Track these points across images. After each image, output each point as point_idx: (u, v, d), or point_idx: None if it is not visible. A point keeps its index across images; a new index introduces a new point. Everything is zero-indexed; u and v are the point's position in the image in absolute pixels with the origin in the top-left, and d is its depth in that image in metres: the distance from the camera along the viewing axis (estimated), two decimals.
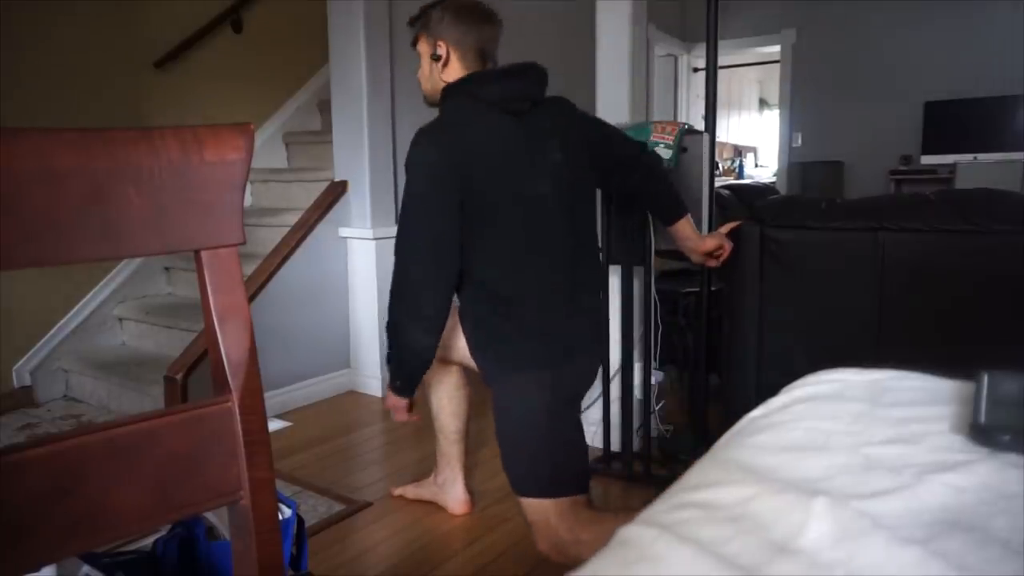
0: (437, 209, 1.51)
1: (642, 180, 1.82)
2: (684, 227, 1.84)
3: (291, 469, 2.36)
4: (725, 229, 1.95)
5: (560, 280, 1.60)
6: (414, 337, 1.56)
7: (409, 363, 1.62)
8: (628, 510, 0.59)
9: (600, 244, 2.01)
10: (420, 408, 1.78)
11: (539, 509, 1.60)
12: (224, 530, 1.01)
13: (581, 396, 1.72)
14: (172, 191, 0.59)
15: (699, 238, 1.86)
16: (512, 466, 1.63)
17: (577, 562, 0.59)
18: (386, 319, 1.61)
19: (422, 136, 1.54)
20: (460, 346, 1.73)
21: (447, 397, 1.97)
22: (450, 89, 1.60)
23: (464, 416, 2.00)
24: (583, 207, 1.69)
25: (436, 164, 1.51)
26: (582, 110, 1.76)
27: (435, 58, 1.62)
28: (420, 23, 1.65)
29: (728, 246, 1.88)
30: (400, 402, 1.69)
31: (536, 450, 1.60)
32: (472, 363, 1.73)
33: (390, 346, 1.62)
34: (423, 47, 1.66)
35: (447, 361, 1.87)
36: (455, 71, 1.62)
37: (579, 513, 1.59)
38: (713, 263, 1.93)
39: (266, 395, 0.66)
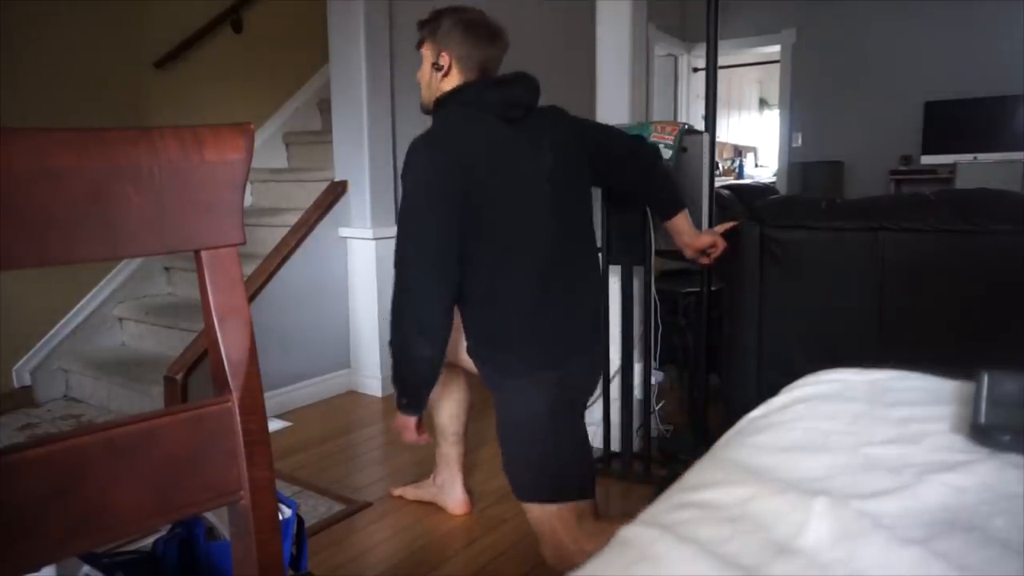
0: (438, 217, 1.50)
1: (642, 176, 1.83)
2: (681, 222, 1.85)
3: (291, 469, 2.36)
4: (721, 229, 1.96)
5: (557, 284, 1.60)
6: (419, 351, 1.54)
7: (415, 379, 1.60)
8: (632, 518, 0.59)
9: (599, 245, 2.01)
10: (429, 427, 1.77)
11: (542, 515, 1.59)
12: (224, 530, 1.01)
13: (583, 401, 1.72)
14: (172, 191, 0.59)
15: (695, 234, 1.87)
16: (514, 471, 1.63)
17: None
18: (389, 337, 1.59)
19: (419, 144, 1.54)
20: (465, 349, 1.73)
21: (447, 399, 1.97)
22: (445, 98, 1.61)
23: (464, 418, 2.00)
24: (577, 210, 1.69)
25: (435, 172, 1.50)
26: (576, 116, 1.77)
27: (436, 68, 1.63)
28: (428, 29, 1.64)
29: (721, 244, 1.89)
30: (409, 421, 1.67)
31: (539, 456, 1.59)
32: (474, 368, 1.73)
33: (395, 363, 1.60)
34: (427, 52, 1.66)
35: (451, 364, 1.88)
36: (453, 82, 1.63)
37: (584, 523, 1.58)
38: (706, 261, 1.94)
39: (266, 395, 0.66)
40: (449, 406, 1.97)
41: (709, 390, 2.36)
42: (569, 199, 1.65)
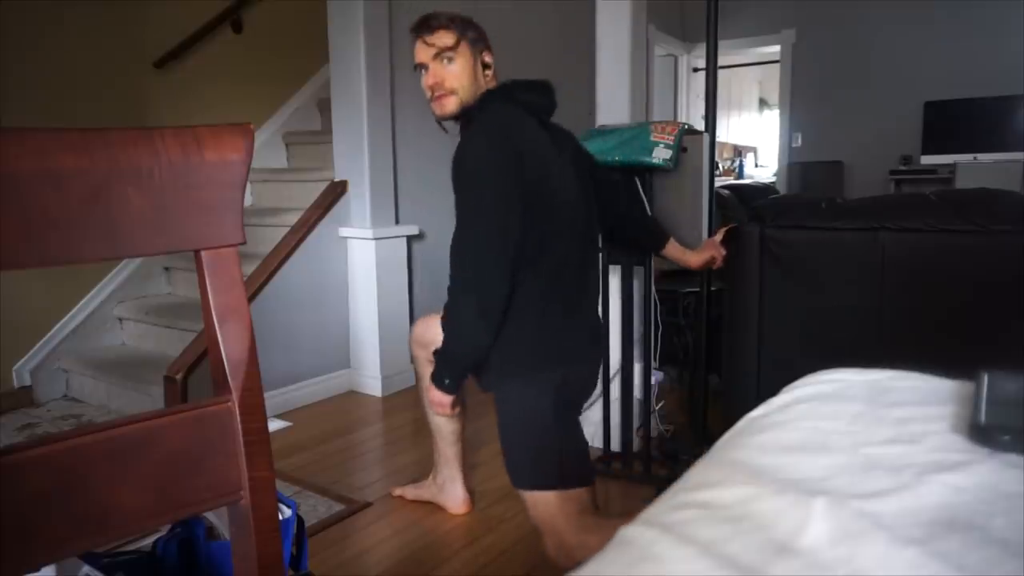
0: (507, 203, 1.50)
1: (628, 204, 1.94)
2: (673, 250, 1.97)
3: (291, 469, 2.36)
4: (718, 236, 1.99)
5: (568, 292, 1.63)
6: (476, 336, 1.54)
7: (465, 362, 1.60)
8: (633, 516, 0.58)
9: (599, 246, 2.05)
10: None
11: (543, 506, 1.60)
12: (224, 530, 1.01)
13: (582, 401, 1.74)
14: (172, 191, 0.59)
15: (692, 253, 1.97)
16: (514, 461, 1.64)
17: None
18: (443, 315, 1.58)
19: (484, 133, 1.54)
20: None
21: None
22: (495, 93, 1.64)
23: (460, 417, 2.00)
24: (590, 224, 1.74)
25: (499, 162, 1.51)
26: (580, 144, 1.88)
27: (485, 66, 1.66)
28: (470, 30, 1.65)
29: (720, 255, 1.97)
30: (447, 399, 1.66)
31: (539, 447, 1.61)
32: None
33: (448, 345, 1.59)
34: (466, 52, 1.64)
35: None
36: (492, 83, 1.67)
37: (585, 516, 1.60)
38: (714, 265, 1.99)
39: (266, 395, 0.66)
40: None
41: (709, 390, 2.36)
42: (587, 207, 1.70)
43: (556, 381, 1.60)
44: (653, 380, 2.28)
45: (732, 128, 8.59)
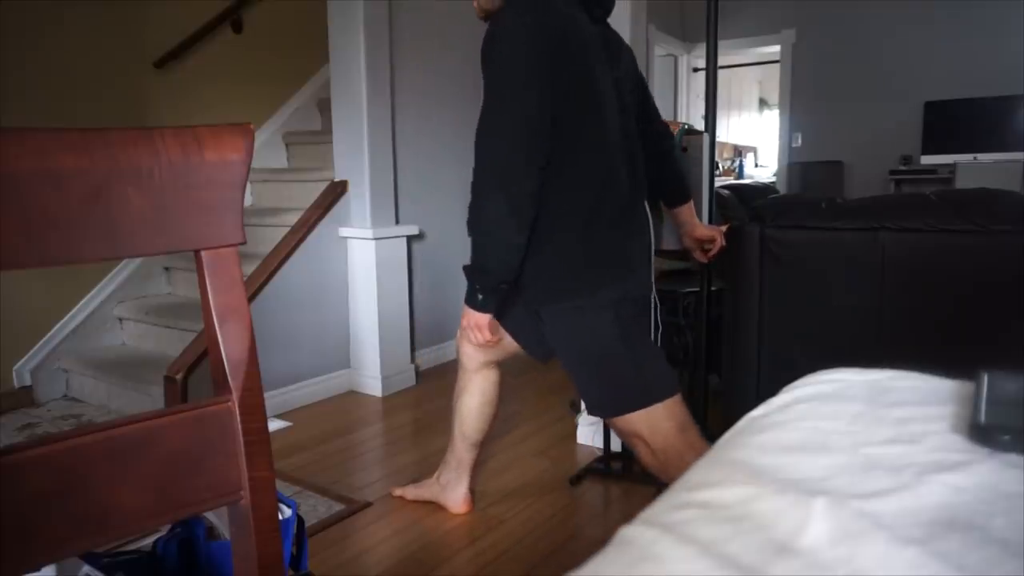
0: (535, 83, 1.37)
1: (664, 157, 1.84)
2: (687, 212, 1.91)
3: (291, 469, 2.36)
4: (724, 228, 1.99)
5: (623, 196, 1.52)
6: (507, 233, 1.40)
7: (499, 266, 1.44)
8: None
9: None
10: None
11: (629, 424, 1.51)
12: (224, 530, 1.01)
13: (645, 301, 1.65)
14: (172, 191, 0.59)
15: (697, 224, 1.92)
16: (595, 392, 1.56)
17: None
18: (469, 217, 1.44)
19: (508, 15, 1.41)
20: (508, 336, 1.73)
21: (479, 405, 1.94)
22: None
23: (488, 427, 1.98)
24: (635, 131, 1.61)
25: (530, 40, 1.39)
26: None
27: None
28: None
29: (720, 240, 1.92)
30: (483, 319, 1.51)
31: (610, 374, 1.52)
32: (516, 350, 1.71)
33: (477, 250, 1.45)
34: None
35: (490, 362, 1.89)
36: None
37: (689, 435, 1.50)
38: (702, 256, 1.97)
39: (266, 395, 0.66)
40: (480, 418, 1.95)
41: (709, 390, 2.36)
42: (630, 115, 1.59)
43: (614, 297, 1.48)
44: None
45: (732, 128, 8.60)
